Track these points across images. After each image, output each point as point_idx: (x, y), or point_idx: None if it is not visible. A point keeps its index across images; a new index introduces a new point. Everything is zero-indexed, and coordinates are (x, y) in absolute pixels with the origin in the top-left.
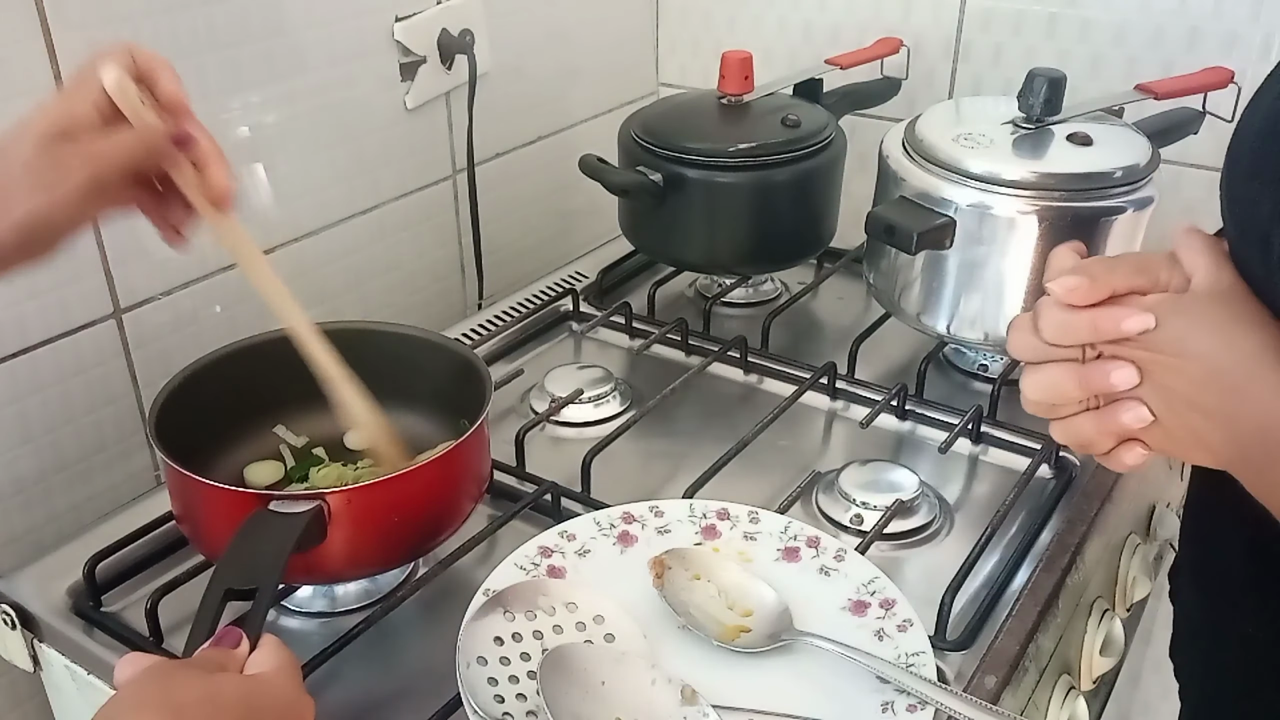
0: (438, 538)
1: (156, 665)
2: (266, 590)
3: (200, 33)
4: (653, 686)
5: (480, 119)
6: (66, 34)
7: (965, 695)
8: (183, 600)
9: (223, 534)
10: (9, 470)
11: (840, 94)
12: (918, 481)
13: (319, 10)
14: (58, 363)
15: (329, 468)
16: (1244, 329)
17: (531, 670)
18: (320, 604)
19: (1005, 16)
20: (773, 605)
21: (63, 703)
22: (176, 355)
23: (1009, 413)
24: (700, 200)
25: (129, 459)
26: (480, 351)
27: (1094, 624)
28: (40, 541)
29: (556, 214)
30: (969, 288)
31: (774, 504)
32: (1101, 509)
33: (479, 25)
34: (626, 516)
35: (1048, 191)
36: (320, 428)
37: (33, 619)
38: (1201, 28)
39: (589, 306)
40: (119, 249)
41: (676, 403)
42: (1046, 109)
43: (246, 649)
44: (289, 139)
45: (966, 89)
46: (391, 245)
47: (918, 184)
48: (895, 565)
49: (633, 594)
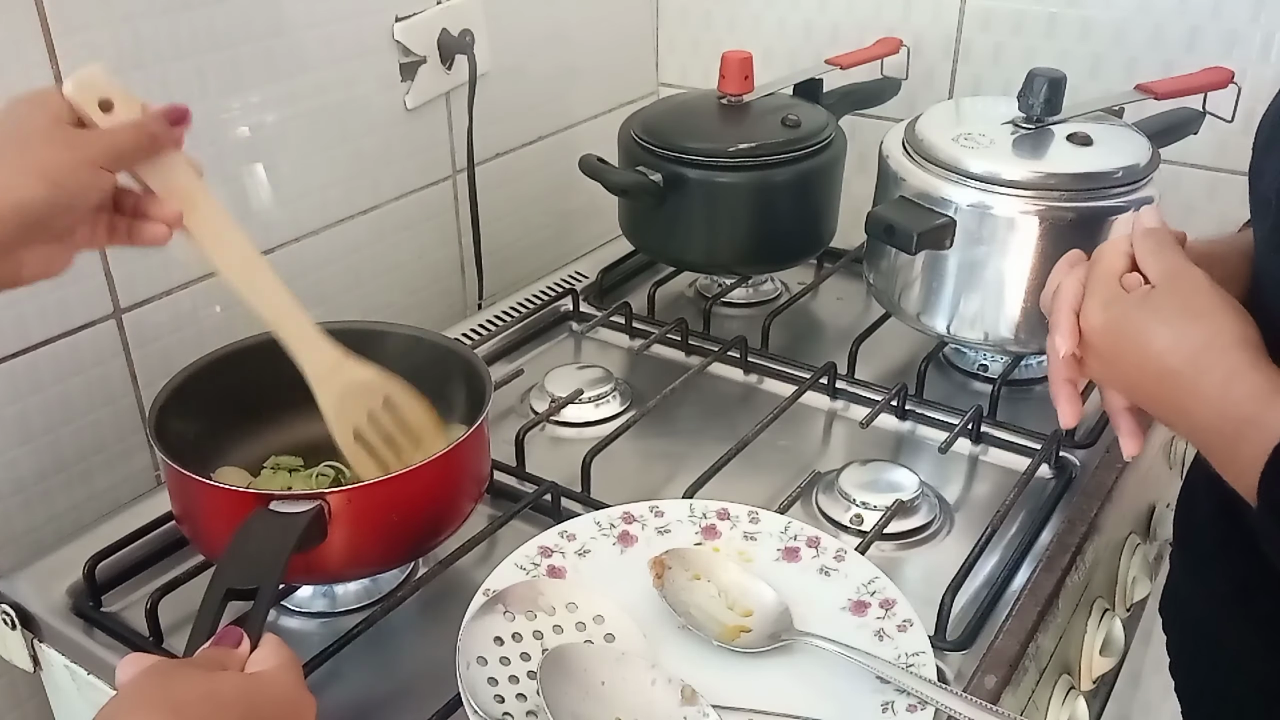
0: (438, 538)
1: (157, 665)
2: (267, 590)
3: (200, 33)
4: (653, 686)
5: (480, 119)
6: (66, 34)
7: (965, 695)
8: (183, 600)
9: (223, 534)
10: (9, 470)
11: (840, 94)
12: (918, 481)
13: (319, 10)
14: (58, 363)
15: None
16: (1193, 321)
17: (531, 670)
18: (320, 604)
19: (1005, 16)
20: (773, 605)
21: (63, 703)
22: (176, 355)
23: (1009, 413)
24: (700, 200)
25: (129, 459)
26: (480, 351)
27: (1094, 624)
28: (40, 541)
29: (556, 214)
30: (969, 288)
31: (774, 504)
32: (1101, 509)
33: (479, 25)
34: (626, 516)
35: (1048, 191)
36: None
37: (33, 619)
38: (1201, 28)
39: (589, 306)
40: (119, 249)
41: (676, 403)
42: (1046, 109)
43: (248, 648)
44: (289, 139)
45: (966, 89)
46: (391, 245)
47: (918, 184)
48: (895, 565)
49: (633, 594)
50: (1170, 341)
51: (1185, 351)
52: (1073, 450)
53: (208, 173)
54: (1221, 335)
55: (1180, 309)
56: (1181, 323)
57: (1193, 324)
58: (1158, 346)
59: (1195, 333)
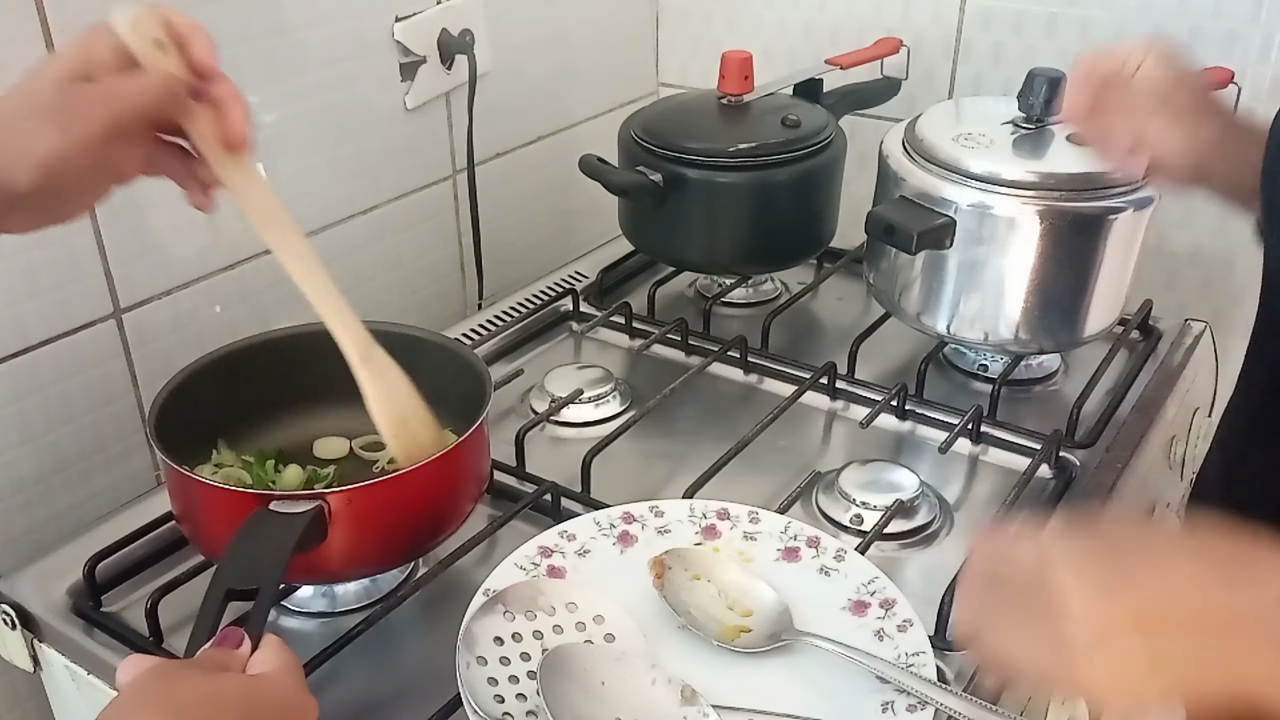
0: (438, 538)
1: (158, 666)
2: (267, 590)
3: None
4: (653, 686)
5: (480, 119)
6: (66, 34)
7: (965, 695)
8: (183, 600)
9: (223, 534)
10: (9, 470)
11: (840, 94)
12: (918, 481)
13: (319, 10)
14: (58, 363)
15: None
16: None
17: (531, 670)
18: (320, 604)
19: (1005, 16)
20: (773, 605)
21: (63, 703)
22: (176, 355)
23: (1009, 413)
24: (700, 200)
25: (129, 459)
26: (480, 351)
27: None
28: (40, 541)
29: (556, 214)
30: (969, 288)
31: (774, 504)
32: (1101, 509)
33: (479, 25)
34: (626, 516)
35: (1048, 191)
36: (312, 430)
37: (33, 619)
38: (1201, 28)
39: (589, 306)
40: (119, 249)
41: (676, 403)
42: (1046, 109)
43: (248, 649)
44: (289, 139)
45: (966, 89)
46: (391, 245)
47: (918, 184)
48: (895, 565)
49: (633, 594)
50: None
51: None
52: (1073, 450)
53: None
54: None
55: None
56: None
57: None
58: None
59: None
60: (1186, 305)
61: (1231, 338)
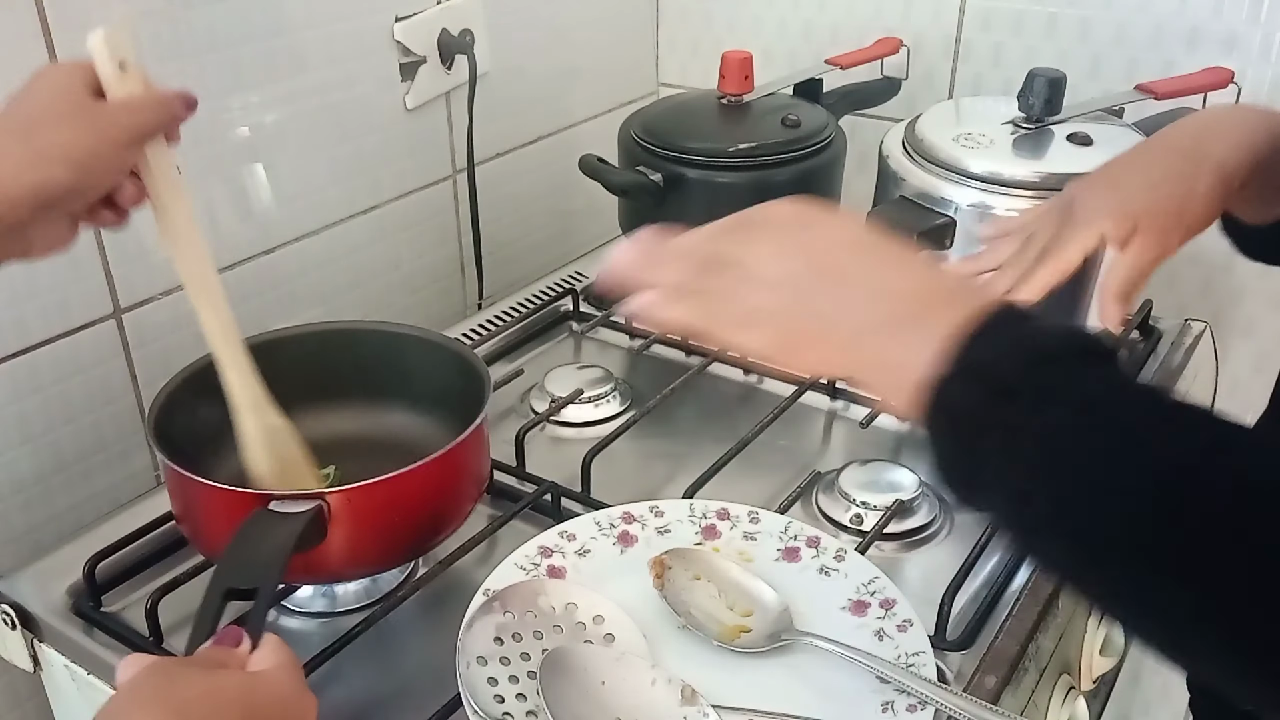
0: (438, 538)
1: (157, 664)
2: (267, 590)
3: (200, 33)
4: (653, 686)
5: (480, 119)
6: (66, 34)
7: (965, 695)
8: (183, 600)
9: (223, 534)
10: (9, 470)
11: (840, 94)
12: (918, 481)
13: (319, 10)
14: (58, 363)
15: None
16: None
17: (531, 670)
18: (320, 604)
19: (1005, 16)
20: (773, 605)
21: (63, 703)
22: (176, 355)
23: None
24: (700, 200)
25: (129, 459)
26: (480, 351)
27: (1094, 624)
28: (40, 541)
29: (556, 214)
30: None
31: (774, 504)
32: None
33: (479, 25)
34: (626, 516)
35: (1048, 191)
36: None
37: (33, 619)
38: (1201, 28)
39: (589, 306)
40: (119, 249)
41: (676, 403)
42: (1046, 109)
43: (248, 648)
44: (289, 139)
45: (966, 89)
46: (391, 245)
47: (918, 184)
48: (895, 565)
49: (633, 594)
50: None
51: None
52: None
53: (208, 173)
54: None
55: None
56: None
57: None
58: None
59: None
60: (1186, 305)
61: (1231, 338)
